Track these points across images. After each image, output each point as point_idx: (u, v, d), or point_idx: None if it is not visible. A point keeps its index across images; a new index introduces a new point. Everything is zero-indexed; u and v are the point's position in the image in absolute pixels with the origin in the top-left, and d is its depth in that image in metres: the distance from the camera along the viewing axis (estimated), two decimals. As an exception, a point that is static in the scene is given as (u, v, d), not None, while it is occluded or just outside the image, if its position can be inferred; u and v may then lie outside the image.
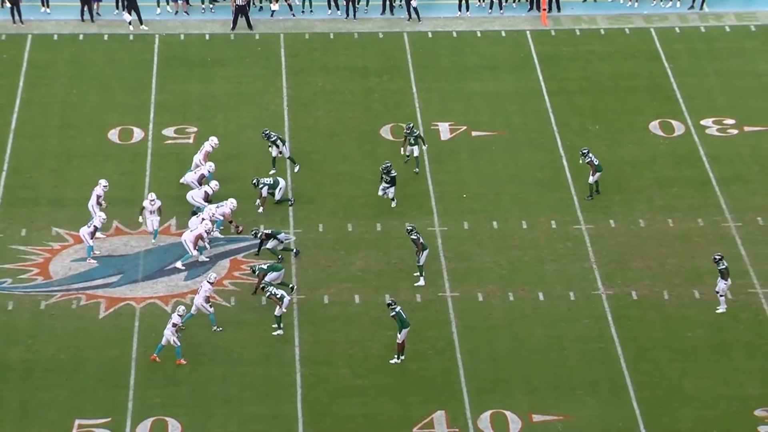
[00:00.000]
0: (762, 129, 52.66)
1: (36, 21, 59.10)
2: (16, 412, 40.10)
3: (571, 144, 51.65)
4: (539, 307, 43.90)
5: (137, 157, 51.25)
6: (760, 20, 59.60)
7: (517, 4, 61.00)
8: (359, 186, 49.05)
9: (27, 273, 45.46)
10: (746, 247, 46.55)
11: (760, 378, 41.25)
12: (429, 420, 39.64)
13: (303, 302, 44.26)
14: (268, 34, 58.72)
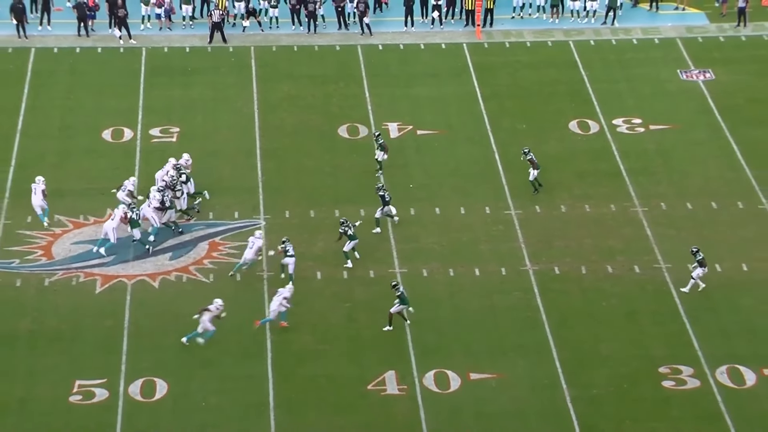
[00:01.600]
0: (665, 127, 53.01)
1: (38, 36, 58.98)
2: (23, 375, 40.38)
3: (502, 141, 51.99)
4: (475, 281, 44.17)
5: (128, 154, 51.26)
6: (662, 34, 59.90)
7: (455, 21, 60.97)
8: (320, 178, 49.27)
9: (32, 254, 45.61)
10: (651, 229, 46.97)
11: (663, 341, 41.88)
12: (381, 379, 40.04)
13: (272, 278, 44.44)
14: (240, 47, 58.74)
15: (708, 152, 51.64)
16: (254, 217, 47.42)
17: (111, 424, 38.39)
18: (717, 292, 43.85)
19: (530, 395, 39.76)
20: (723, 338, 41.83)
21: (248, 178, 49.62)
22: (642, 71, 57.29)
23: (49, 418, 38.69)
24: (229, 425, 38.57)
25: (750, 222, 46.99)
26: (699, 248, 43.17)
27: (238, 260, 44.88)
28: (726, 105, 54.43)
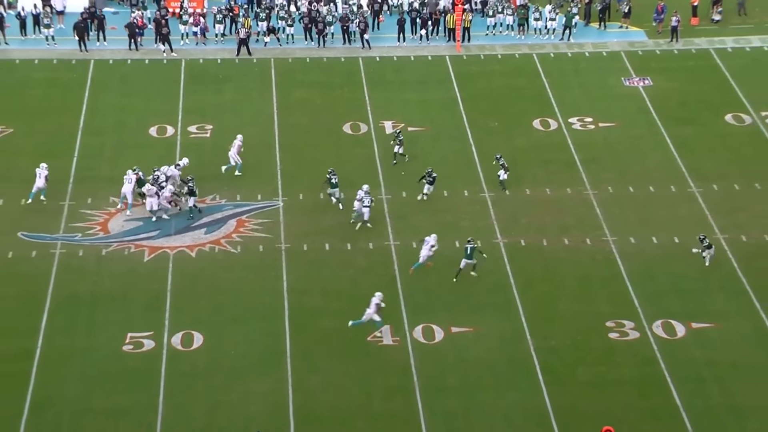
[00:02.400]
0: (611, 125, 53.13)
1: (96, 50, 58.95)
2: (85, 329, 40.68)
3: (477, 137, 52.05)
4: (456, 251, 44.13)
5: (170, 147, 51.25)
6: (609, 48, 59.95)
7: (438, 37, 61.03)
8: (327, 166, 48.62)
9: (92, 230, 45.77)
10: (600, 208, 47.11)
11: (609, 300, 42.18)
12: (378, 332, 40.26)
13: (289, 249, 44.61)
14: (262, 59, 58.72)
15: (646, 145, 51.73)
16: (274, 199, 47.52)
17: (157, 369, 38.67)
18: (654, 260, 44.11)
19: (500, 345, 40.03)
20: (658, 298, 42.12)
21: (269, 167, 49.69)
22: (592, 78, 57.33)
23: (106, 364, 38.92)
24: (254, 369, 38.81)
25: (681, 203, 47.21)
26: (705, 235, 43.41)
27: (262, 234, 45.11)
28: (661, 106, 54.52)
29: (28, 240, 44.98)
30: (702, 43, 60.30)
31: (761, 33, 61.37)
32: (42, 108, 53.60)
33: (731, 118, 53.60)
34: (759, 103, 54.54)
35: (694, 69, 58.23)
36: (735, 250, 44.50)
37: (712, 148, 51.31)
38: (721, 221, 46.14)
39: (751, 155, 50.67)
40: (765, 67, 58.20)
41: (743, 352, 39.70)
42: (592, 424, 35.54)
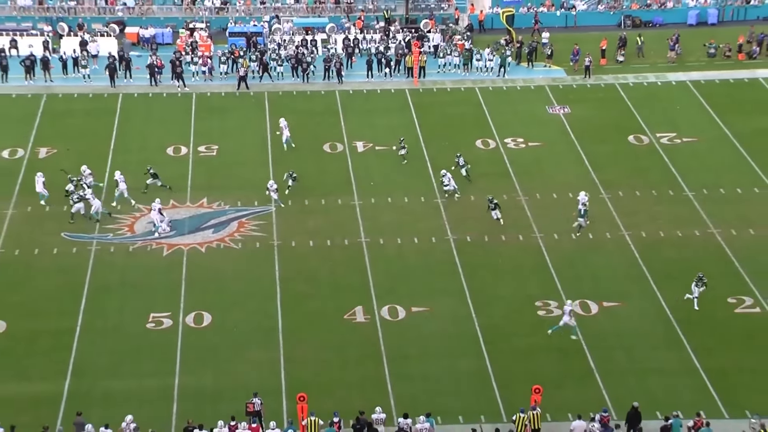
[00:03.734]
0: (538, 144, 52.91)
1: (123, 85, 58.54)
2: (115, 310, 40.55)
3: (431, 154, 51.54)
4: (415, 247, 44.21)
5: (183, 163, 50.84)
6: (536, 83, 59.89)
7: (399, 74, 60.76)
8: (311, 178, 48.81)
9: (121, 231, 45.42)
10: (530, 210, 46.95)
11: (538, 285, 42.09)
12: (353, 311, 40.28)
13: (280, 246, 44.33)
14: (258, 92, 58.33)
15: (566, 160, 51.55)
16: (267, 205, 47.14)
17: (174, 342, 38.55)
18: (572, 252, 44.04)
19: (451, 322, 39.94)
20: (576, 282, 42.05)
21: (263, 179, 49.09)
22: (523, 107, 57.10)
23: (133, 339, 38.88)
24: (252, 342, 38.72)
25: (594, 205, 47.01)
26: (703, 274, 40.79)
27: (258, 233, 44.80)
28: (578, 129, 54.39)
29: (69, 239, 44.55)
30: (609, 79, 60.36)
31: (655, 71, 61.54)
32: (80, 133, 53.00)
33: (633, 138, 53.55)
34: (654, 126, 54.51)
35: (603, 99, 58.16)
36: (636, 243, 44.51)
37: (618, 162, 51.21)
38: (625, 221, 46.09)
39: (648, 168, 50.70)
40: (658, 98, 58.23)
41: (643, 325, 39.77)
42: (524, 384, 35.37)
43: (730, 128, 54.26)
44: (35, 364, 37.46)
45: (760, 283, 41.71)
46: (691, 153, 52.05)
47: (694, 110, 56.69)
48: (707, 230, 45.39)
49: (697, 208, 47.05)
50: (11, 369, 37.23)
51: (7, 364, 37.43)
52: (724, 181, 49.29)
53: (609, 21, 68.74)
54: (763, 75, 60.72)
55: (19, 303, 40.50)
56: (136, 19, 66.89)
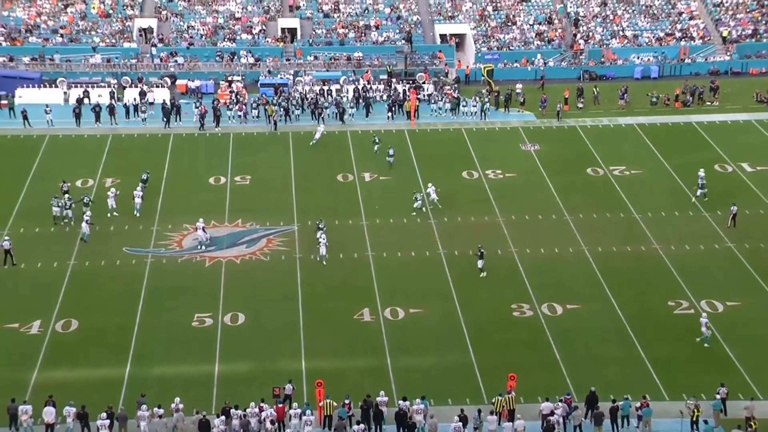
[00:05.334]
0: (513, 175, 52.74)
1: (176, 126, 58.48)
2: (167, 310, 40.38)
3: (425, 182, 50.90)
4: (412, 259, 44.04)
5: (222, 191, 50.72)
6: (511, 125, 59.78)
7: (396, 116, 60.49)
8: (326, 203, 48.76)
9: (172, 246, 45.28)
10: (507, 229, 46.68)
11: (513, 290, 41.83)
12: (361, 312, 40.03)
13: (302, 258, 44.14)
14: (284, 132, 58.21)
15: (536, 188, 51.36)
16: (291, 224, 46.99)
17: (214, 338, 38.39)
18: (543, 265, 43.77)
19: (442, 321, 39.70)
20: (545, 288, 41.80)
21: (288, 203, 49.12)
22: (501, 145, 56.96)
23: (181, 334, 38.71)
24: (278, 338, 38.47)
25: (559, 226, 46.97)
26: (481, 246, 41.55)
27: (283, 248, 44.65)
28: (546, 162, 54.26)
29: (129, 253, 44.43)
30: (571, 122, 60.29)
31: (608, 116, 61.53)
32: (139, 166, 52.67)
33: (590, 170, 53.44)
34: (607, 161, 54.35)
35: (566, 138, 58.04)
36: (593, 256, 44.31)
37: (579, 190, 51.08)
38: (584, 237, 45.91)
39: (603, 195, 50.56)
40: (611, 138, 58.10)
41: (599, 323, 39.53)
42: (502, 372, 35.18)
43: (669, 162, 54.20)
44: (102, 353, 37.32)
45: (693, 289, 41.53)
46: (638, 182, 51.93)
47: (640, 148, 56.62)
48: (651, 245, 45.24)
49: (643, 228, 46.90)
50: (83, 358, 37.13)
51: (79, 354, 37.32)
52: (664, 205, 49.14)
53: (571, 74, 68.82)
54: (695, 120, 60.65)
55: (89, 305, 40.37)
56: (185, 73, 67.04)
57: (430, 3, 74.84)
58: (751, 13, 74.22)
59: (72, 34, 69.81)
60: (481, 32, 72.25)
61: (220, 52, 68.73)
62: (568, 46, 71.63)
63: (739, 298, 40.77)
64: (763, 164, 53.74)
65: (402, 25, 72.10)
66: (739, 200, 48.20)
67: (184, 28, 71.48)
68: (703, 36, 72.16)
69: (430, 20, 73.45)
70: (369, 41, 70.60)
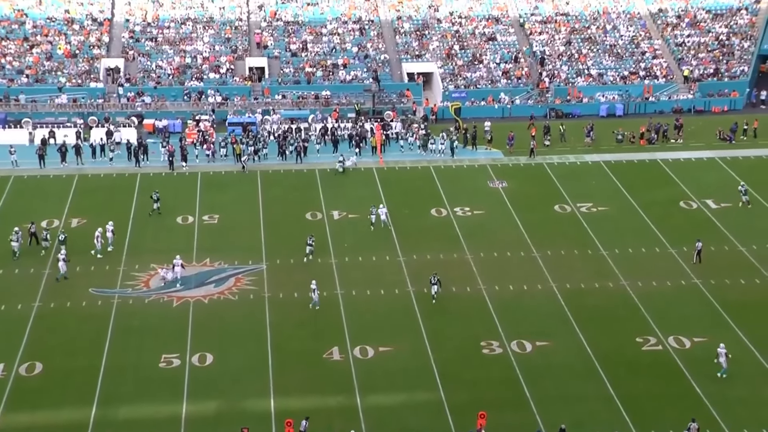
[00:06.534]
0: (481, 212, 53.05)
1: (144, 166, 58.06)
2: (133, 351, 39.81)
3: (394, 221, 51.43)
4: (381, 297, 43.97)
5: (190, 230, 50.65)
6: (479, 162, 60.39)
7: (362, 154, 60.91)
8: (295, 240, 48.66)
9: (138, 286, 44.97)
10: (475, 267, 46.84)
11: (482, 327, 41.65)
12: (330, 351, 39.90)
13: (270, 297, 43.98)
14: (252, 171, 58.35)
15: (504, 225, 51.71)
16: (260, 263, 46.89)
17: (182, 378, 38.06)
18: (512, 302, 43.93)
19: (412, 359, 39.62)
20: (514, 325, 41.94)
21: (256, 241, 49.16)
22: (469, 182, 57.39)
23: (148, 374, 38.37)
24: (247, 378, 38.22)
25: (527, 262, 47.31)
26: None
27: (252, 287, 44.49)
28: (513, 199, 54.75)
29: (96, 293, 44.13)
30: (538, 159, 60.95)
31: (575, 153, 62.32)
32: (106, 206, 52.68)
33: (558, 207, 53.97)
34: (574, 198, 54.97)
35: (534, 175, 58.63)
36: (562, 293, 44.58)
37: (546, 226, 51.50)
38: (552, 274, 46.21)
39: (571, 232, 51.01)
40: (577, 175, 58.80)
41: (568, 359, 39.67)
42: (472, 410, 35.25)
43: (635, 199, 54.86)
44: (67, 396, 36.82)
45: (661, 326, 41.90)
46: (605, 219, 52.47)
47: (607, 185, 57.33)
48: (619, 282, 45.60)
49: (610, 264, 47.31)
50: (47, 401, 36.59)
51: (43, 398, 36.77)
52: (630, 242, 49.63)
53: (537, 112, 69.67)
54: (660, 157, 61.56)
55: (55, 347, 39.91)
56: (152, 112, 67.06)
57: (398, 42, 75.72)
58: (712, 52, 75.84)
59: (38, 75, 69.71)
60: (448, 71, 73.11)
61: (187, 91, 68.90)
62: (534, 84, 72.63)
63: (706, 334, 41.12)
64: (727, 201, 54.58)
65: (370, 64, 72.81)
66: (705, 237, 48.79)
67: (151, 68, 71.65)
68: (666, 75, 73.55)
69: (397, 59, 74.25)
70: (337, 80, 71.15)
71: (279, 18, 77.35)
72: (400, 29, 76.84)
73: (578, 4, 79.68)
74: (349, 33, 76.24)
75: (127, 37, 74.39)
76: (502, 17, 78.51)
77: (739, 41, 76.60)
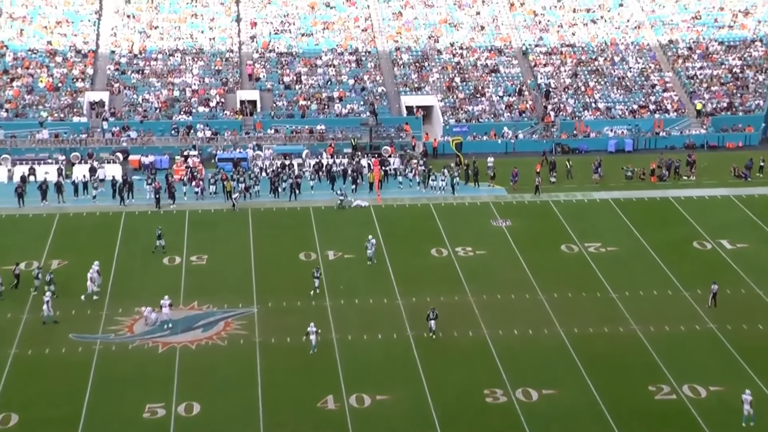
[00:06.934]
0: (484, 252, 53.25)
1: (129, 204, 58.73)
2: (116, 400, 39.56)
3: (392, 260, 51.70)
4: (378, 342, 43.72)
5: (177, 272, 50.70)
6: (481, 199, 60.70)
7: (359, 191, 61.23)
8: (289, 282, 48.77)
9: (122, 331, 44.85)
10: (477, 308, 46.69)
11: (486, 375, 41.32)
12: (325, 400, 39.61)
13: (261, 342, 43.86)
14: (243, 209, 58.58)
15: (508, 266, 51.74)
16: (251, 306, 46.84)
17: (167, 429, 37.74)
18: (517, 347, 43.65)
19: (411, 408, 39.27)
20: (520, 373, 41.65)
21: (247, 284, 49.15)
22: (471, 220, 57.53)
23: (130, 427, 37.98)
24: (236, 427, 37.93)
25: (532, 305, 47.26)
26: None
27: (242, 332, 44.39)
28: (517, 238, 54.85)
29: (76, 340, 43.96)
30: (544, 196, 61.20)
31: (582, 190, 62.54)
32: (89, 247, 52.71)
33: (564, 247, 54.05)
34: (582, 237, 55.03)
35: (539, 214, 58.81)
36: (569, 338, 44.43)
37: (552, 267, 51.50)
38: (559, 318, 46.09)
39: (578, 273, 50.98)
40: (585, 212, 59.01)
41: (576, 409, 39.37)
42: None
43: (646, 239, 54.94)
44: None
45: (674, 373, 41.70)
46: (614, 260, 52.49)
47: (616, 223, 57.45)
48: (629, 327, 45.46)
49: (620, 308, 47.22)
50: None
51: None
52: (641, 284, 49.58)
53: (542, 147, 69.95)
54: (672, 194, 61.75)
55: (32, 396, 39.64)
56: (138, 147, 67.32)
57: (396, 74, 76.29)
58: (725, 85, 76.36)
59: (18, 109, 70.08)
60: (449, 104, 73.58)
61: (175, 125, 69.23)
62: (539, 118, 73.02)
63: (722, 383, 40.85)
64: (743, 241, 54.64)
65: (367, 97, 73.30)
66: (720, 279, 48.74)
67: (137, 101, 72.07)
68: (677, 108, 74.03)
69: (395, 92, 74.77)
70: (332, 113, 71.59)
71: (272, 49, 78.04)
72: (398, 61, 77.48)
73: (585, 35, 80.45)
74: (345, 65, 76.86)
75: (113, 70, 74.96)
76: (505, 48, 79.18)
77: (753, 74, 77.24)
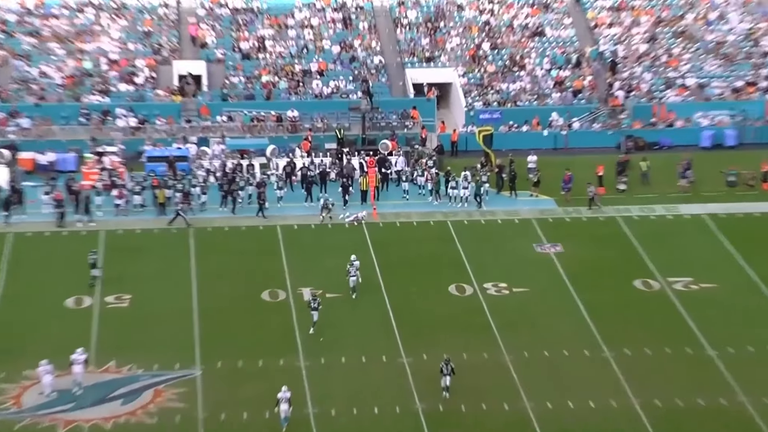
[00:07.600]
0: (524, 290, 53.09)
1: (18, 221, 58.67)
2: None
3: (394, 302, 51.46)
4: (375, 418, 43.28)
5: (87, 318, 50.19)
6: (520, 215, 60.73)
7: (349, 201, 61.43)
8: (246, 334, 48.70)
9: (5, 404, 43.97)
10: (516, 372, 46.15)
11: None
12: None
13: (206, 419, 43.33)
14: (181, 228, 58.86)
15: (559, 310, 51.58)
16: (192, 367, 46.42)
17: None
18: (573, 424, 43.16)
19: None
20: None
21: (187, 335, 48.77)
22: (505, 245, 57.56)
23: None
24: None
25: (595, 367, 46.86)
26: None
27: (179, 404, 43.92)
28: (572, 272, 54.76)
29: (-57, 414, 43.67)
30: (609, 211, 61.24)
31: (664, 202, 62.63)
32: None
33: (640, 283, 53.89)
34: (665, 270, 54.94)
35: (603, 236, 58.82)
36: (648, 414, 43.84)
37: (622, 313, 51.28)
38: (633, 386, 45.60)
39: (660, 320, 50.77)
40: (669, 235, 59.05)
41: None
42: None
43: (757, 271, 54.87)
44: None
45: (800, 464, 41.41)
46: (711, 302, 52.29)
47: (713, 250, 57.32)
48: (736, 399, 44.94)
49: (722, 371, 46.86)
50: None
51: None
52: (752, 336, 49.23)
53: (606, 142, 69.78)
54: (795, 208, 61.88)
55: None
56: (33, 142, 66.90)
57: (399, 39, 75.97)
58: None
59: None
60: (474, 80, 73.26)
61: (86, 110, 68.93)
62: (601, 100, 72.73)
63: None
64: None
65: (358, 71, 72.97)
66: None
67: (31, 76, 71.72)
68: (799, 86, 73.81)
69: (398, 63, 74.55)
70: (309, 94, 71.27)
71: (224, 3, 77.78)
72: (402, 20, 77.28)
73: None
74: (327, 25, 76.69)
75: (-2, 31, 74.81)
76: (553, 2, 78.99)
77: None
